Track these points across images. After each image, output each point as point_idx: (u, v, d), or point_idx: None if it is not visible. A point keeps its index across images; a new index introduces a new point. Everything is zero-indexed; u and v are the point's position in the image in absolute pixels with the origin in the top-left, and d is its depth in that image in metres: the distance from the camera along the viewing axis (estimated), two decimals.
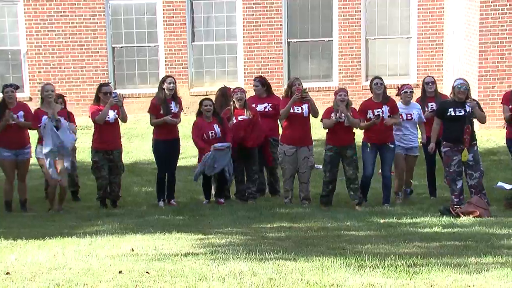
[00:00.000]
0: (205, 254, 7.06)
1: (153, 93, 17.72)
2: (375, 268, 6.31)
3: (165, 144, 11.30)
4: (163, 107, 11.16)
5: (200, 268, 6.30)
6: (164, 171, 11.43)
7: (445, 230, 8.93)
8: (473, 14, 16.53)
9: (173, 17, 18.02)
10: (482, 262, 6.68)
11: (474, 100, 10.88)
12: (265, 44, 18.20)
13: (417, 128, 11.40)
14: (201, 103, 11.34)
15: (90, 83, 17.64)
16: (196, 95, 17.59)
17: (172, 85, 11.28)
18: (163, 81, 11.42)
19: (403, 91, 11.35)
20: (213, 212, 10.69)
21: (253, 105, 11.48)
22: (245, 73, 18.22)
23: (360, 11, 18.14)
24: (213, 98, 11.88)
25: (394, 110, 11.01)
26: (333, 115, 10.87)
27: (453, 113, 10.60)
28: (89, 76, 17.93)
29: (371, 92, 11.25)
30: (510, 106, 11.02)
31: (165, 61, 18.12)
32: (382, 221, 9.70)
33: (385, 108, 10.99)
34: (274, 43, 18.21)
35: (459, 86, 10.68)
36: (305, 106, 11.07)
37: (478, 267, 6.40)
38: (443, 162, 10.94)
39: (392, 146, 11.07)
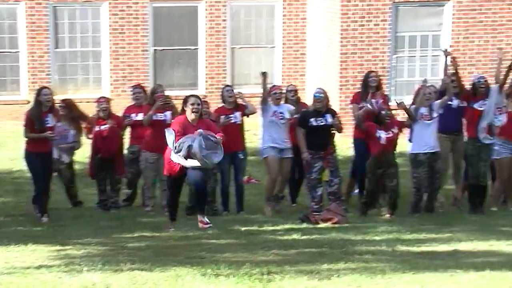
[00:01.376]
0: (59, 266, 6.92)
1: (14, 100, 17.50)
2: (230, 276, 6.37)
3: (38, 156, 10.85)
4: (37, 122, 10.75)
5: (52, 281, 6.17)
6: (43, 184, 10.89)
7: (303, 237, 9.10)
8: (334, 25, 17.01)
9: (35, 22, 17.58)
10: (334, 269, 6.86)
11: (334, 111, 11.19)
12: (131, 51, 18.06)
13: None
14: (186, 100, 9.46)
15: None
16: (58, 103, 17.19)
17: (48, 96, 10.86)
18: (38, 93, 10.98)
19: (273, 92, 11.25)
20: (74, 222, 10.49)
21: (133, 114, 11.37)
22: (110, 80, 18.03)
23: (226, 20, 18.31)
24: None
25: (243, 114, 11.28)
26: None
27: (314, 123, 10.88)
28: None
29: (223, 102, 11.37)
30: (359, 105, 11.37)
31: (27, 68, 17.67)
32: (243, 229, 9.80)
33: (237, 114, 11.19)
34: (141, 50, 18.11)
35: (316, 95, 11.05)
36: (168, 113, 11.10)
37: (329, 273, 6.57)
38: (304, 169, 11.16)
39: (242, 155, 11.24)
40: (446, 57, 11.33)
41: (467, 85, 11.44)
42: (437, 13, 17.13)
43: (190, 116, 9.36)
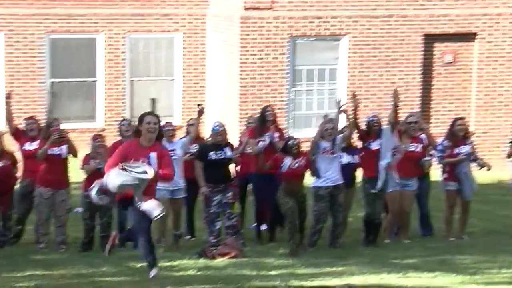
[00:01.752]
0: None
1: None
2: None
3: None
4: None
5: None
6: None
7: (199, 273, 9.05)
8: (234, 58, 17.15)
9: None
10: None
11: (232, 144, 11.24)
12: (27, 83, 17.75)
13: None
14: (140, 120, 8.22)
15: None
16: None
17: None
18: None
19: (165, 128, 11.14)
20: None
21: (27, 144, 11.15)
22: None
23: (125, 52, 18.23)
24: None
25: None
26: (92, 161, 10.76)
27: (213, 157, 10.84)
28: None
29: (120, 135, 11.23)
30: (257, 140, 11.45)
31: None
32: (139, 265, 9.66)
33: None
34: (37, 82, 17.81)
35: (215, 129, 11.04)
36: (64, 147, 10.91)
37: None
38: (203, 203, 11.11)
39: None
40: (339, 109, 11.13)
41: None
42: (333, 47, 17.51)
43: (146, 136, 8.15)
